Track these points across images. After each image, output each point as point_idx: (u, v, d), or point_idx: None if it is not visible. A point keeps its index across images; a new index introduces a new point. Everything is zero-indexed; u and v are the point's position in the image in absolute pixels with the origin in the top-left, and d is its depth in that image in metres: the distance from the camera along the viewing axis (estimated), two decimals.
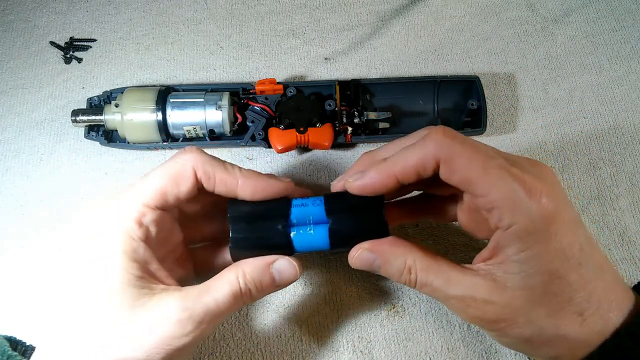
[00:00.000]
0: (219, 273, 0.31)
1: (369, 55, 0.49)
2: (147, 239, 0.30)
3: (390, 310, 0.41)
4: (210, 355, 0.39)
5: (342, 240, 0.32)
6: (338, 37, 0.50)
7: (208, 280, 0.30)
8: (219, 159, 0.33)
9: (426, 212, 0.38)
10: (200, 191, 0.32)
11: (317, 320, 0.40)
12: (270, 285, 0.31)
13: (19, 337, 0.32)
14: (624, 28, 0.50)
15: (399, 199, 0.38)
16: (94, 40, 0.50)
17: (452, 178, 0.29)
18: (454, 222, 0.37)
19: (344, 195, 0.33)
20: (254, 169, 0.45)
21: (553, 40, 0.50)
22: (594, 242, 0.30)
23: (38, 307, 0.41)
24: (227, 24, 0.50)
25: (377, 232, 0.32)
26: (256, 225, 0.32)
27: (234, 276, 0.30)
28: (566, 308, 0.28)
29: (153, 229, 0.30)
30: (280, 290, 0.35)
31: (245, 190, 0.32)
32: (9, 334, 0.31)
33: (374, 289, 0.41)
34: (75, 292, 0.29)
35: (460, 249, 0.43)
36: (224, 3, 0.51)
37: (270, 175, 0.33)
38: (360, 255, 0.32)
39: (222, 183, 0.32)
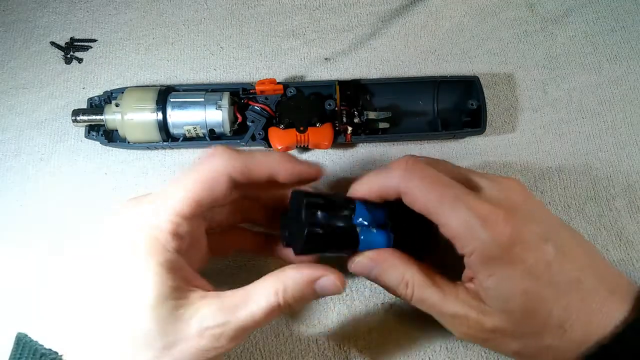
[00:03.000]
0: (259, 282, 0.30)
1: (369, 55, 0.50)
2: (180, 249, 0.29)
3: (390, 309, 0.41)
4: None
5: (400, 243, 0.34)
6: (338, 38, 0.50)
7: (245, 289, 0.29)
8: (246, 152, 0.31)
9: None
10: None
11: (316, 320, 0.41)
12: (310, 298, 0.31)
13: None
14: (624, 28, 0.50)
15: None
16: (95, 40, 0.50)
17: (415, 207, 0.31)
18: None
19: (403, 205, 0.33)
20: None
21: (553, 41, 0.50)
22: (568, 253, 0.31)
23: (38, 307, 0.41)
24: (227, 24, 0.50)
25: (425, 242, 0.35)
26: (326, 220, 0.32)
27: (274, 291, 0.29)
28: (547, 322, 0.30)
29: (187, 238, 0.30)
30: None
31: (284, 173, 0.32)
32: (9, 334, 0.31)
33: (374, 288, 0.41)
34: (107, 306, 0.28)
35: None
36: (224, 3, 0.51)
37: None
38: (360, 261, 0.33)
39: (260, 173, 0.31)
